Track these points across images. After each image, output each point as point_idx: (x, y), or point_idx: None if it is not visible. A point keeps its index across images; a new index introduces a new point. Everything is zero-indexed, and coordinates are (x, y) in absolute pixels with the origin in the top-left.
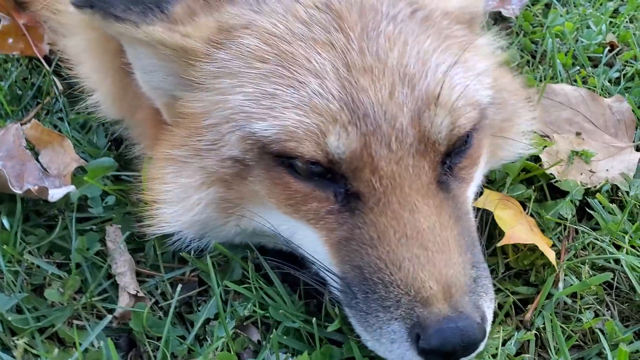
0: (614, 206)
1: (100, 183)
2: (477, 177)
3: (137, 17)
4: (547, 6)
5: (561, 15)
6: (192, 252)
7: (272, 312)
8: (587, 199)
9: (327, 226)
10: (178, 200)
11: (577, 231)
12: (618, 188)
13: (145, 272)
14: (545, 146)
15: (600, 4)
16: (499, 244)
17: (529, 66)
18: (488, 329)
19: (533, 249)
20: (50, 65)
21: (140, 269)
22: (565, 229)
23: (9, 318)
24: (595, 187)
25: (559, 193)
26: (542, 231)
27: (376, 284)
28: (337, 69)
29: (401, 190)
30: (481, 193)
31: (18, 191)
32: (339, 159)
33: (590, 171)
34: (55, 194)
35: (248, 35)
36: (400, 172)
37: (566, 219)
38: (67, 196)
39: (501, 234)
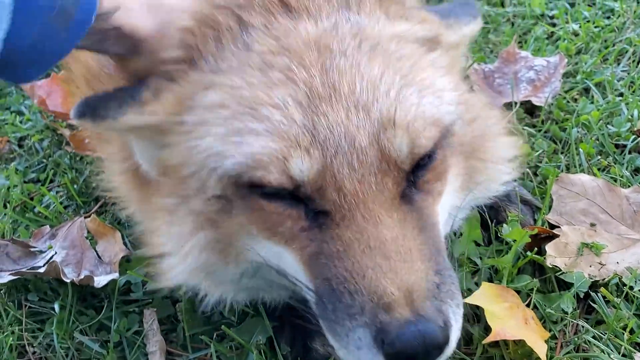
0: (620, 300)
1: (141, 271)
2: (446, 193)
3: (115, 112)
4: (587, 90)
5: (591, 103)
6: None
7: None
8: (590, 292)
9: (301, 244)
10: (174, 251)
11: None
12: None
13: (176, 352)
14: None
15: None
16: (484, 341)
17: (555, 154)
18: (454, 334)
19: None
20: None
21: (172, 349)
22: (570, 323)
23: None
24: (603, 280)
25: (567, 285)
26: (544, 323)
27: (342, 293)
28: (299, 100)
29: (365, 205)
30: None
31: (66, 279)
32: (302, 182)
33: (600, 263)
34: (101, 281)
35: (209, 93)
36: (363, 189)
37: (567, 313)
38: (114, 281)
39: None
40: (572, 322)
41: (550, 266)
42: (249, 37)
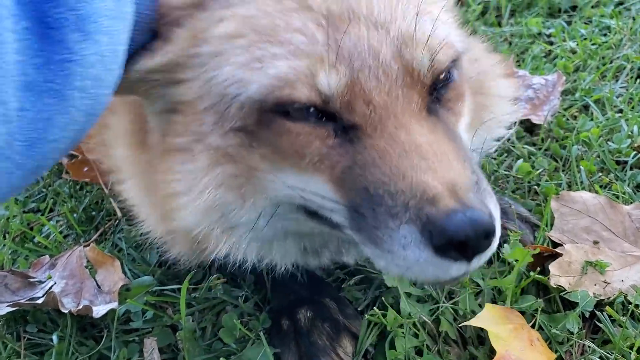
0: (626, 319)
1: (141, 300)
2: (466, 114)
3: (129, 66)
4: (586, 108)
5: (591, 120)
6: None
7: None
8: (596, 311)
9: (331, 162)
10: (189, 188)
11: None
12: None
13: None
14: None
15: (637, 104)
16: None
17: (556, 172)
18: (497, 229)
19: None
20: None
21: None
22: (576, 343)
23: None
24: (608, 298)
25: (572, 304)
26: (550, 344)
27: (382, 196)
28: (318, 22)
29: (395, 116)
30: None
31: (64, 310)
32: (330, 96)
33: (605, 282)
34: (100, 311)
35: (224, 24)
36: (391, 101)
37: (572, 333)
38: (114, 311)
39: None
40: (578, 342)
41: (555, 286)
42: None
